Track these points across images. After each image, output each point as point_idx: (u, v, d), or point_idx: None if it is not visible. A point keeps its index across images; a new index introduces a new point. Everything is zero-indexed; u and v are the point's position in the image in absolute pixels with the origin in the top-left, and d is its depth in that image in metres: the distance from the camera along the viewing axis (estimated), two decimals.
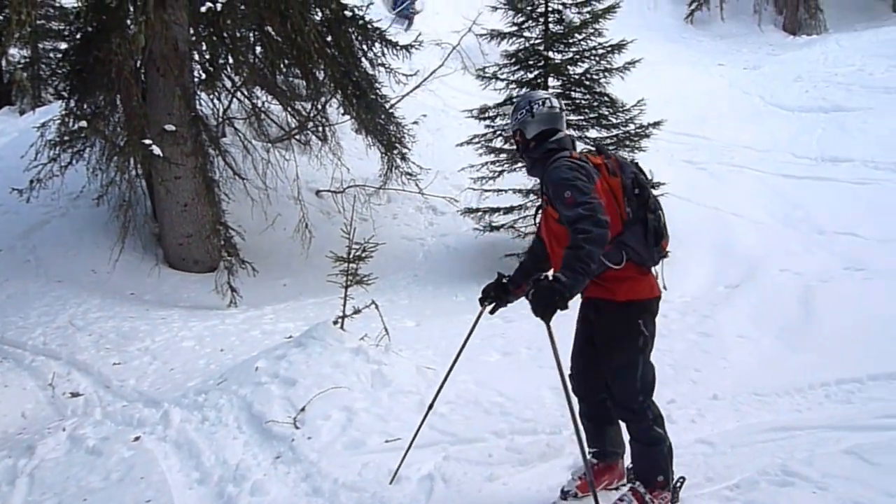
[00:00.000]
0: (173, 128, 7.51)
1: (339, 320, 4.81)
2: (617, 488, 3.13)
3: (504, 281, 3.15)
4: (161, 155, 7.02)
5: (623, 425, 3.03)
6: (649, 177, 2.92)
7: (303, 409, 4.03)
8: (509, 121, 3.04)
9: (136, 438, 4.11)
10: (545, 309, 2.50)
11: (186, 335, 6.24)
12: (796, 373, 4.47)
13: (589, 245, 2.47)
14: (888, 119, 10.02)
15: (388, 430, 3.87)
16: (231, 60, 7.89)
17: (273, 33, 7.41)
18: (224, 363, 5.37)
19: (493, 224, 8.32)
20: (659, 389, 4.28)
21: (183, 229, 8.16)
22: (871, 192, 8.17)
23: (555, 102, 2.94)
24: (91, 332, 6.29)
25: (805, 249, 6.85)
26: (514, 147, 3.08)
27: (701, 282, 6.35)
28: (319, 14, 7.95)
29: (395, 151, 9.01)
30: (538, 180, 3.08)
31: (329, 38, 7.91)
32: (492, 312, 3.25)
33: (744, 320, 5.44)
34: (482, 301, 3.22)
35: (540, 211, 3.01)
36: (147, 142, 6.91)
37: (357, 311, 4.83)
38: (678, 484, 2.98)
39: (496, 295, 3.17)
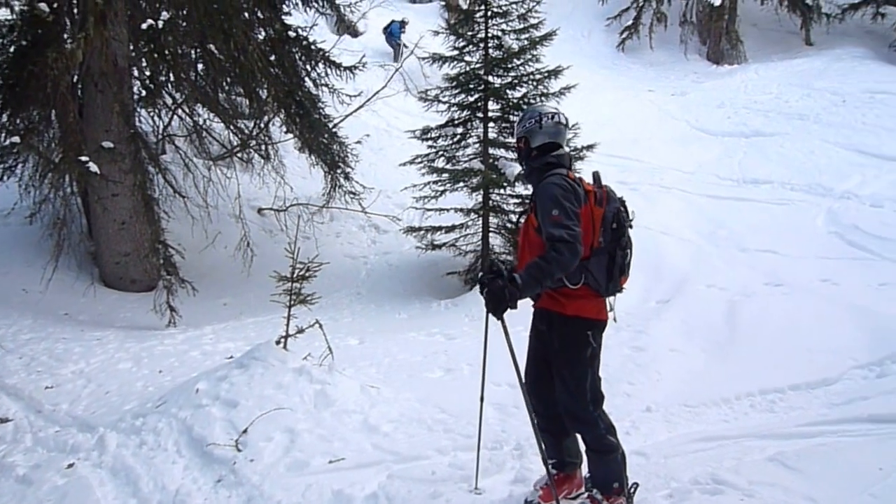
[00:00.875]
0: (111, 145, 7.32)
1: (282, 340, 4.79)
2: (576, 497, 3.26)
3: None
4: (98, 172, 6.82)
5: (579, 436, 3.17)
6: (631, 216, 3.04)
7: (245, 431, 3.98)
8: (517, 127, 3.09)
9: (70, 465, 3.97)
10: (496, 307, 2.71)
11: (123, 357, 6.06)
12: (723, 384, 4.75)
13: (556, 266, 2.67)
14: (802, 144, 10.78)
15: (332, 451, 3.87)
16: (172, 77, 7.77)
17: (216, 52, 7.36)
18: (163, 385, 5.24)
19: (435, 243, 8.46)
20: None
21: (120, 248, 7.95)
22: (789, 211, 8.75)
23: (562, 118, 3.05)
24: (21, 354, 6.01)
25: (729, 266, 7.26)
26: (517, 152, 3.13)
27: (634, 298, 6.62)
28: (263, 34, 7.96)
29: (339, 170, 9.06)
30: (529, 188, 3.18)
31: (273, 58, 7.92)
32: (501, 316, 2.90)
33: (674, 334, 5.71)
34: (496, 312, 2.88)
35: (524, 216, 3.11)
36: (83, 159, 6.71)
37: (300, 331, 4.82)
38: (632, 490, 3.14)
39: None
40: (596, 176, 3.05)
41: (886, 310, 5.58)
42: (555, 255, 2.66)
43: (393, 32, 16.29)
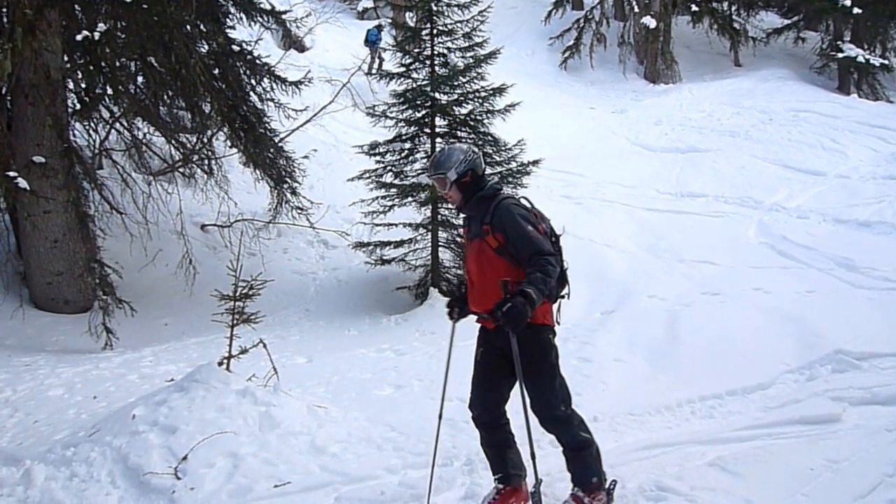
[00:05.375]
0: (43, 159, 7.03)
1: (225, 361, 4.66)
2: None
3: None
4: (28, 188, 6.53)
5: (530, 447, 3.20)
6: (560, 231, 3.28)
7: (185, 458, 3.83)
8: (454, 168, 3.10)
9: None
10: (518, 321, 2.81)
11: (54, 383, 5.76)
12: (665, 392, 4.87)
13: (552, 275, 2.90)
14: (734, 159, 11.33)
15: (278, 475, 3.77)
16: (110, 90, 7.51)
17: (156, 64, 7.18)
18: (97, 412, 5.00)
19: (385, 258, 8.44)
20: None
21: (52, 267, 7.58)
22: (722, 223, 9.15)
23: (476, 150, 3.25)
24: None
25: (668, 276, 7.50)
26: (450, 193, 3.15)
27: (580, 309, 6.76)
28: (206, 47, 7.81)
29: (286, 185, 8.94)
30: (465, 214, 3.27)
31: (216, 72, 7.78)
32: (456, 320, 3.31)
33: (618, 344, 5.84)
34: (450, 314, 3.29)
35: (474, 239, 3.15)
36: (12, 174, 6.41)
37: (244, 351, 4.69)
38: (611, 486, 3.28)
39: (461, 308, 3.25)
40: (526, 199, 3.26)
41: (814, 316, 5.86)
42: (550, 268, 2.88)
43: (371, 39, 15.90)
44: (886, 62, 17.03)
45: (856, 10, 15.93)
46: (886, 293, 6.46)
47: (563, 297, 3.20)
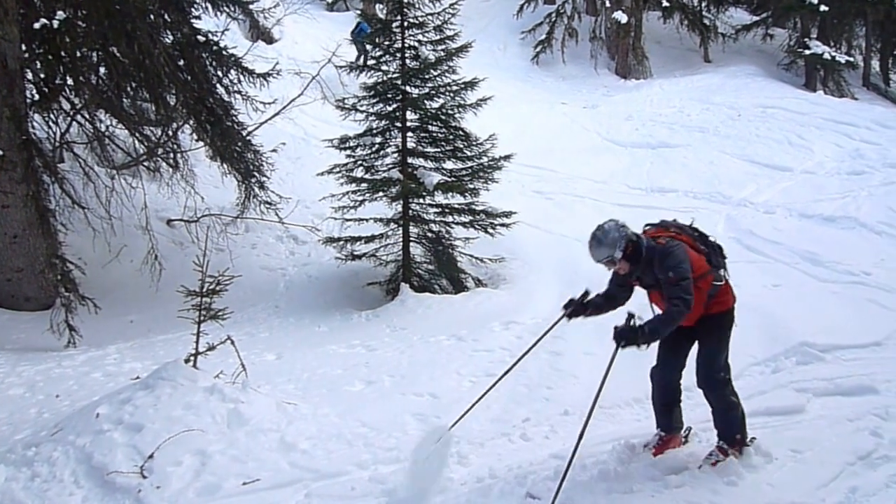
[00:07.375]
0: (0, 152, 6.78)
1: (192, 358, 4.58)
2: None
3: (586, 300, 3.83)
4: None
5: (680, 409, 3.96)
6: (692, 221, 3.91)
7: (151, 457, 3.79)
8: (614, 248, 3.60)
9: None
10: (626, 342, 3.40)
11: (14, 382, 5.62)
12: (635, 384, 4.84)
13: (678, 317, 3.42)
14: (703, 155, 11.49)
15: (246, 472, 3.75)
16: (70, 81, 7.29)
17: (119, 55, 6.98)
18: (60, 411, 4.90)
19: (355, 253, 8.37)
20: (514, 409, 4.54)
21: (12, 263, 7.38)
22: (692, 218, 9.25)
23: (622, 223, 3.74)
24: None
25: None
26: (620, 266, 3.68)
27: (550, 303, 6.78)
28: (170, 37, 7.63)
29: (254, 180, 8.79)
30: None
31: (181, 63, 7.61)
32: (569, 318, 3.86)
33: (589, 338, 5.83)
34: (565, 307, 3.83)
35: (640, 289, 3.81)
36: None
37: (211, 348, 4.62)
38: (750, 442, 3.75)
39: (576, 309, 3.81)
40: (658, 224, 3.87)
41: (779, 309, 5.99)
42: (676, 310, 3.39)
43: (364, 31, 15.55)
44: (851, 59, 17.44)
45: (823, 8, 16.26)
46: (850, 287, 6.62)
47: (724, 259, 3.78)
